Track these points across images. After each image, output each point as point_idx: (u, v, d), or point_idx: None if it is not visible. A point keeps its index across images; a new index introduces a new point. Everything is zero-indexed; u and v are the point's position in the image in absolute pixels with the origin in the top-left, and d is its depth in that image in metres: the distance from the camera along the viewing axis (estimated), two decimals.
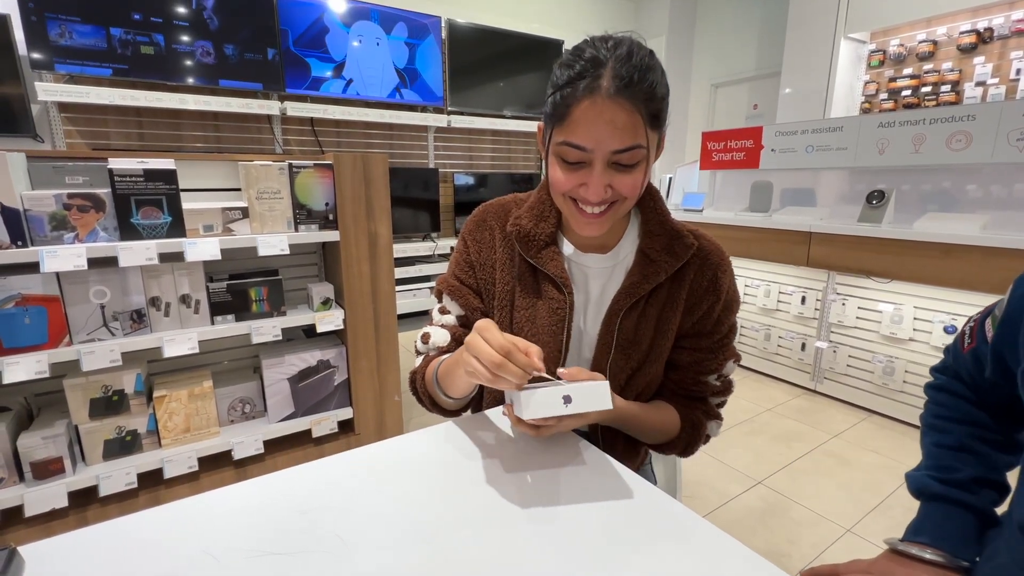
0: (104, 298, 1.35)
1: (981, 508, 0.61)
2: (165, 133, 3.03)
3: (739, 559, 0.50)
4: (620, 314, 0.75)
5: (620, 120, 0.61)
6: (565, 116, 0.63)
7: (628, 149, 0.62)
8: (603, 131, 0.61)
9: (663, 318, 0.77)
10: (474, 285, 0.83)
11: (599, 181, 0.64)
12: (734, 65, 4.69)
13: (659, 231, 0.76)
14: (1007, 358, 0.57)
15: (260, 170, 1.48)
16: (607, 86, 0.60)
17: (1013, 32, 3.13)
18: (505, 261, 0.80)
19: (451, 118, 3.75)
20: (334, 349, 1.72)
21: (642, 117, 0.62)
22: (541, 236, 0.77)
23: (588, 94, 0.61)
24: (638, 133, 0.62)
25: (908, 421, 2.19)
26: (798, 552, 1.46)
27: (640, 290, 0.75)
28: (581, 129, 0.62)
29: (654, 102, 0.62)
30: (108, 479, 1.40)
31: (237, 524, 0.54)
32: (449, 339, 0.82)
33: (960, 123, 2.03)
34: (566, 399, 0.58)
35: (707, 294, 0.77)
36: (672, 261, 0.75)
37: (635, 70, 0.60)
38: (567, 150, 0.64)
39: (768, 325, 2.73)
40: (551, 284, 0.77)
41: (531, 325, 0.78)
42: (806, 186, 2.75)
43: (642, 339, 0.77)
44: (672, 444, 0.81)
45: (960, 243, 1.90)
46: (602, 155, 0.63)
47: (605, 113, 0.60)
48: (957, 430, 0.66)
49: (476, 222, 0.84)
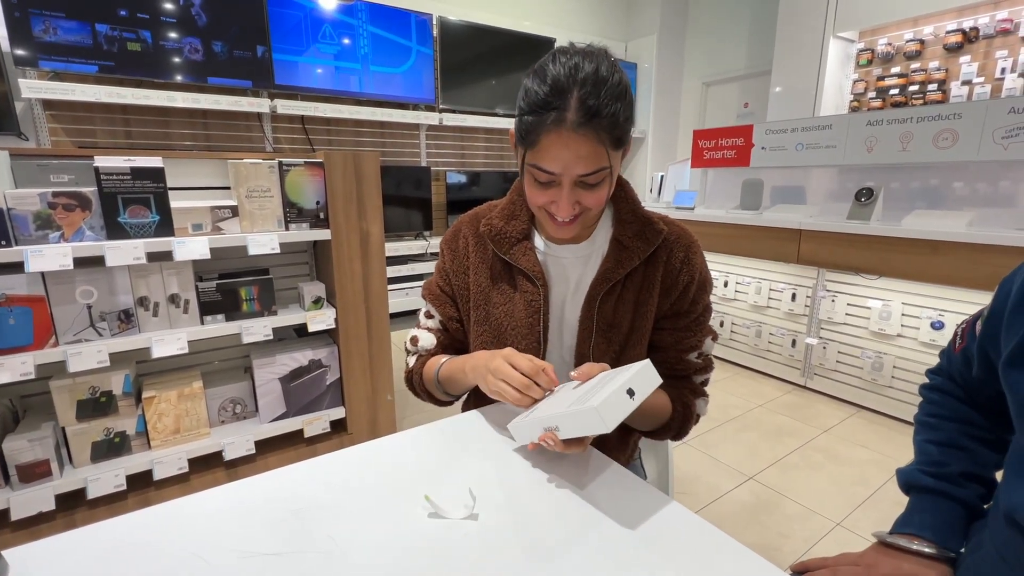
0: (91, 298, 1.33)
1: (968, 501, 0.62)
2: (153, 131, 2.99)
3: (731, 554, 0.51)
4: (598, 299, 0.79)
5: (584, 150, 0.65)
6: (535, 143, 0.67)
7: (593, 172, 0.67)
8: (569, 159, 0.66)
9: (640, 301, 0.81)
10: (450, 292, 0.89)
11: (567, 199, 0.69)
12: (725, 64, 4.71)
13: (631, 219, 0.81)
14: (990, 352, 0.58)
15: (250, 168, 1.46)
16: (572, 119, 0.64)
17: (998, 32, 3.17)
18: (478, 264, 0.85)
19: (443, 116, 3.73)
20: (326, 348, 1.71)
21: (605, 145, 0.66)
22: (513, 234, 0.82)
23: (555, 126, 0.65)
24: (601, 158, 0.67)
25: (897, 416, 2.22)
26: (789, 546, 1.48)
27: (615, 275, 0.78)
28: (549, 156, 0.66)
29: (616, 128, 0.66)
30: (96, 481, 1.39)
31: (227, 525, 0.53)
32: (435, 342, 0.89)
33: (946, 121, 2.05)
34: (630, 392, 0.57)
35: (681, 274, 0.80)
36: (644, 246, 0.79)
37: (598, 102, 0.64)
38: (537, 172, 0.69)
39: (759, 322, 2.75)
40: (525, 278, 0.81)
41: (510, 319, 0.82)
42: (796, 184, 2.77)
43: (621, 322, 0.80)
44: (666, 427, 0.83)
45: (947, 240, 1.92)
46: (569, 178, 0.68)
47: (571, 145, 0.65)
48: (948, 427, 0.67)
49: (452, 233, 0.90)
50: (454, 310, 0.89)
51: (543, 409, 0.65)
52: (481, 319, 0.85)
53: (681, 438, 0.86)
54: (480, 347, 0.85)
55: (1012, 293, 0.53)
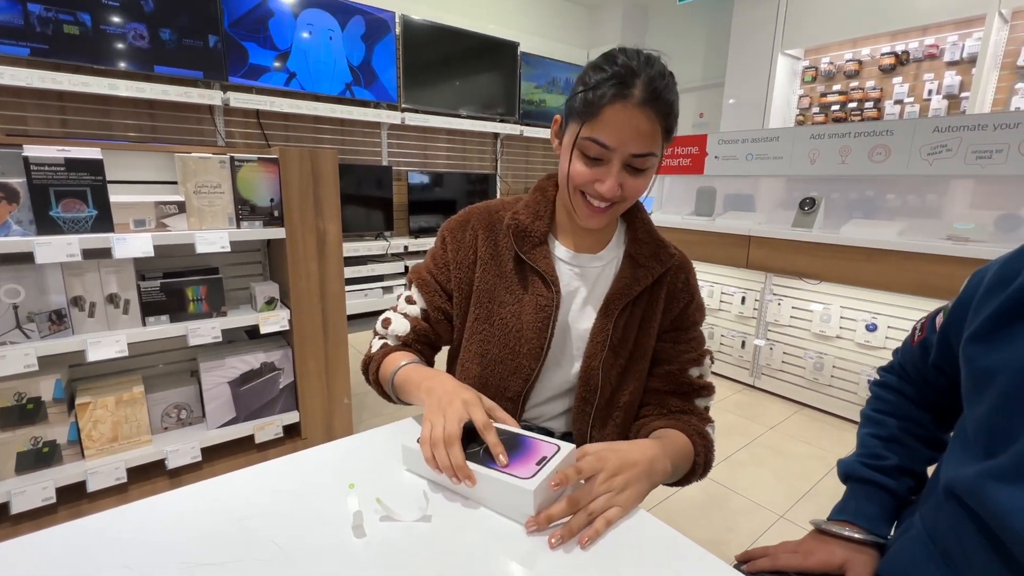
0: (17, 297, 1.24)
1: (899, 492, 0.67)
2: (92, 120, 2.80)
3: (682, 548, 0.53)
4: (615, 313, 0.79)
5: (644, 127, 0.67)
6: (596, 114, 0.68)
7: (645, 155, 0.69)
8: (628, 134, 0.67)
9: (646, 318, 0.82)
10: (445, 283, 0.85)
11: (615, 178, 0.70)
12: (682, 74, 4.86)
13: (647, 239, 0.83)
14: (951, 337, 0.62)
15: (198, 163, 1.40)
16: (638, 95, 0.66)
17: (926, 56, 3.43)
18: (487, 260, 0.83)
19: (405, 115, 3.68)
20: (279, 351, 1.65)
21: (661, 128, 0.69)
22: (536, 233, 0.81)
23: (620, 99, 0.66)
24: (655, 142, 0.69)
25: (835, 413, 2.36)
26: (736, 539, 1.54)
27: (631, 291, 0.80)
28: (609, 129, 0.67)
29: (671, 118, 0.70)
30: (21, 495, 1.29)
31: (164, 536, 0.51)
32: (409, 329, 0.84)
33: (880, 137, 2.20)
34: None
35: (681, 294, 0.84)
36: (658, 267, 0.81)
37: (662, 86, 0.67)
38: (591, 145, 0.69)
39: (712, 324, 2.86)
40: (540, 280, 0.80)
41: (516, 320, 0.80)
42: (747, 192, 2.90)
43: (629, 337, 0.81)
44: (695, 468, 0.77)
45: (879, 247, 2.06)
46: (621, 156, 0.69)
47: (633, 119, 0.67)
48: (891, 424, 0.72)
49: (459, 222, 0.86)
50: (443, 301, 0.85)
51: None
52: (483, 317, 0.82)
53: (708, 473, 0.80)
54: (476, 345, 0.83)
55: (984, 280, 0.57)
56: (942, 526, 0.54)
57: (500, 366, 0.82)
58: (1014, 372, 0.48)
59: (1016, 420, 0.48)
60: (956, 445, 0.58)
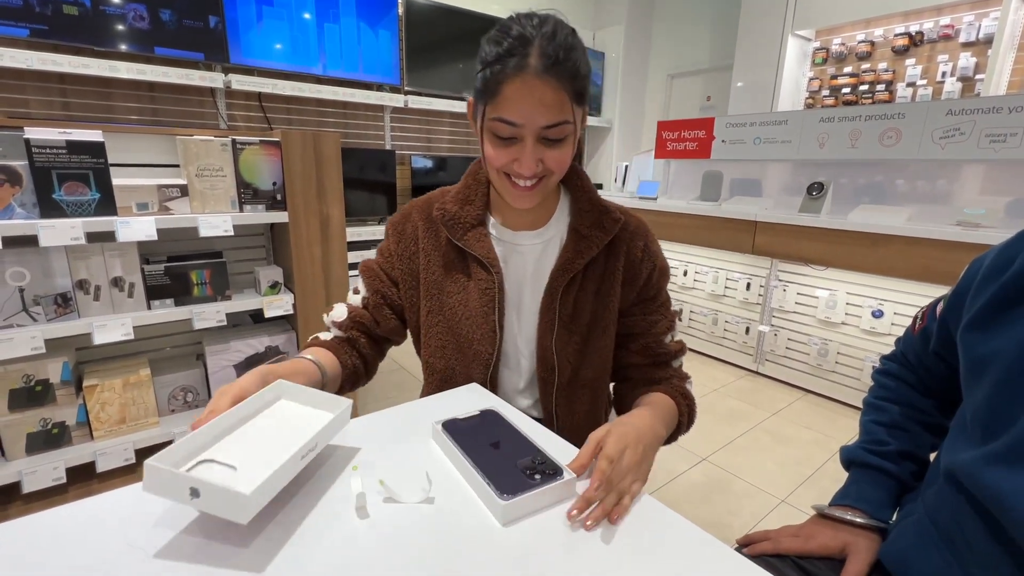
0: (23, 280, 1.24)
1: (901, 477, 0.67)
2: (93, 103, 2.79)
3: (683, 531, 0.53)
4: (560, 290, 0.78)
5: (548, 98, 0.64)
6: (496, 93, 0.65)
7: (556, 124, 0.66)
8: (533, 108, 0.64)
9: (602, 291, 0.80)
10: (390, 271, 0.85)
11: (531, 156, 0.67)
12: (690, 57, 4.79)
13: (588, 208, 0.80)
14: (950, 325, 0.62)
15: (200, 145, 1.39)
16: (535, 64, 0.63)
17: (940, 36, 3.34)
18: (430, 251, 0.82)
19: (408, 98, 3.64)
20: (284, 335, 1.66)
21: (568, 94, 0.65)
22: (467, 219, 0.79)
23: (517, 72, 0.63)
24: (565, 109, 0.66)
25: (839, 399, 2.36)
26: (738, 522, 1.55)
27: (575, 265, 0.78)
28: (512, 106, 0.65)
29: (578, 80, 0.66)
30: (32, 475, 1.31)
31: (171, 515, 0.52)
32: (346, 315, 0.85)
33: (892, 121, 2.16)
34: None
35: (643, 263, 0.81)
36: (602, 235, 0.78)
37: (560, 49, 0.64)
38: (499, 125, 0.67)
39: (716, 310, 2.85)
40: (479, 265, 0.79)
41: (464, 308, 0.80)
42: (753, 177, 2.87)
43: (582, 313, 0.80)
44: (679, 426, 0.80)
45: (886, 233, 2.04)
46: (532, 130, 0.66)
47: (535, 91, 0.64)
48: (894, 410, 0.72)
49: (402, 215, 0.86)
50: (386, 287, 0.85)
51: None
52: (435, 309, 0.82)
53: (691, 428, 0.83)
54: (434, 338, 0.83)
55: (983, 267, 0.57)
56: (944, 510, 0.54)
57: (460, 355, 0.82)
58: (1010, 358, 0.49)
59: (1013, 405, 0.48)
60: (955, 431, 0.58)
